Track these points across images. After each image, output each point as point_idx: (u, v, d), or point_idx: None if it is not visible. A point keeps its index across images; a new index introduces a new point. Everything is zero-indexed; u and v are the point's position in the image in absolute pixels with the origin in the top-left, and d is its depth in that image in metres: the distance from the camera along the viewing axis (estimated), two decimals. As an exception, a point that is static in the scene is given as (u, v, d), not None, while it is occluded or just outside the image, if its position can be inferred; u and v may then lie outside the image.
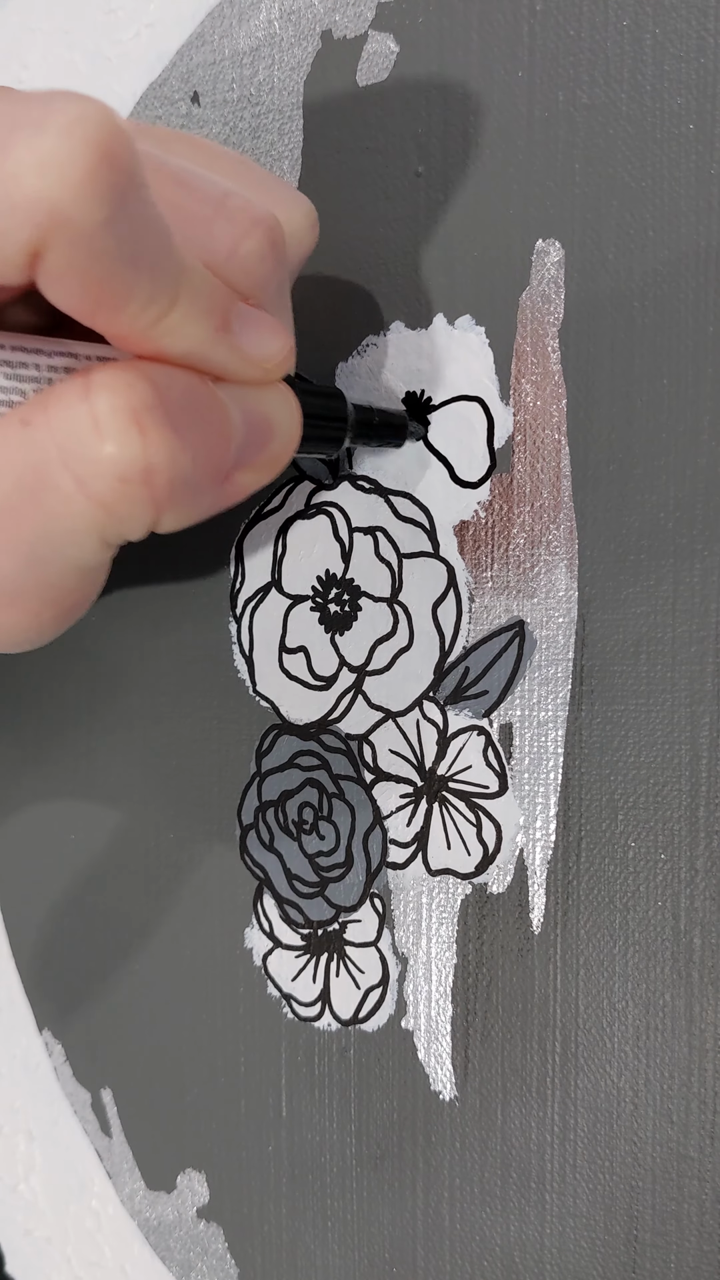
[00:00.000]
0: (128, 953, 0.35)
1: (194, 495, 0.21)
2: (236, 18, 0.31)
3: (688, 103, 0.24)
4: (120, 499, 0.20)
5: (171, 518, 0.21)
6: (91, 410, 0.19)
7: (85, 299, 0.19)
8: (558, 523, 0.26)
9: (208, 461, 0.21)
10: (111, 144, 0.17)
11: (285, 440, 0.23)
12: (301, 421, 0.24)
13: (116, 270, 0.18)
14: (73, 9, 0.35)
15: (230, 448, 0.22)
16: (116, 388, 0.19)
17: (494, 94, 0.26)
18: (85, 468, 0.20)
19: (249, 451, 0.23)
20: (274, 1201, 0.32)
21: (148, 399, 0.20)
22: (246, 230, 0.22)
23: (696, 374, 0.24)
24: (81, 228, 0.18)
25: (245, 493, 0.23)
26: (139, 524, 0.21)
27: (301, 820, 0.31)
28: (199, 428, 0.21)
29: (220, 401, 0.22)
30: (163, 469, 0.20)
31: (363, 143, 0.29)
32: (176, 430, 0.20)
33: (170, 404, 0.20)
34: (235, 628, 0.32)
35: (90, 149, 0.17)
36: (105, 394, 0.19)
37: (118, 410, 0.19)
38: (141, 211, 0.18)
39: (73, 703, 0.36)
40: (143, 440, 0.19)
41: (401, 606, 0.28)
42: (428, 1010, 0.29)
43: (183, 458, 0.20)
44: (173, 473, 0.20)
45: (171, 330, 0.20)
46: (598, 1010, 0.26)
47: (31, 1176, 0.40)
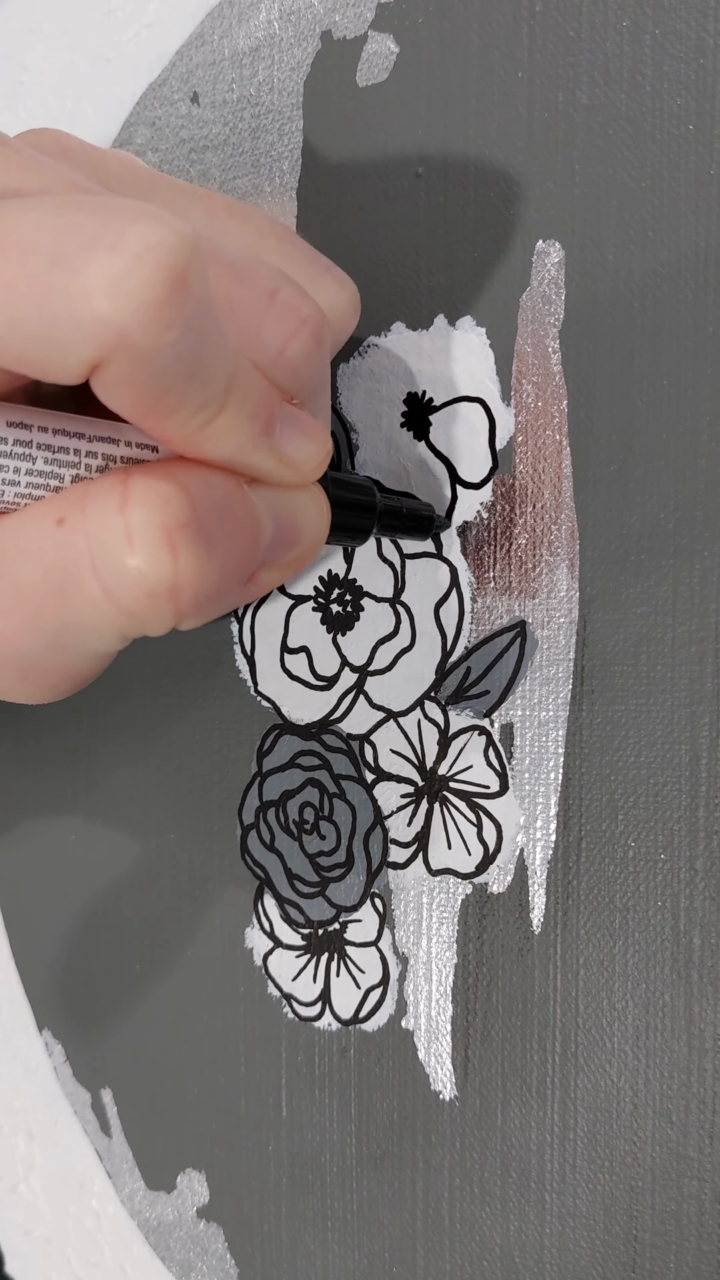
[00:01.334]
0: (128, 952, 0.35)
1: (218, 602, 0.21)
2: (236, 18, 0.31)
3: (687, 103, 0.24)
4: (145, 610, 0.20)
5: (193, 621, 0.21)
6: (126, 523, 0.19)
7: (138, 408, 0.19)
8: (559, 523, 0.26)
9: (235, 571, 0.21)
10: (185, 273, 0.17)
11: (312, 542, 0.23)
12: (329, 522, 0.23)
13: (173, 385, 0.18)
14: (72, 10, 0.35)
15: (258, 552, 0.22)
16: (152, 504, 0.19)
17: (494, 95, 0.26)
18: (114, 579, 0.19)
19: (275, 552, 0.22)
20: (274, 1201, 0.32)
21: (182, 517, 0.19)
22: (295, 330, 0.21)
23: (696, 374, 0.24)
24: (145, 350, 0.17)
25: (266, 590, 0.23)
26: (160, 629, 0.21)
27: (302, 820, 0.31)
28: (230, 538, 0.21)
29: (253, 508, 0.21)
30: (190, 586, 0.20)
31: (362, 143, 0.29)
32: (208, 545, 0.20)
33: (204, 514, 0.20)
34: (237, 627, 0.32)
35: (163, 278, 0.17)
36: (140, 509, 0.19)
37: (151, 527, 0.19)
38: (205, 330, 0.18)
39: (73, 702, 0.36)
40: (173, 561, 0.19)
41: (404, 607, 0.29)
42: (428, 1010, 0.29)
43: (210, 572, 0.20)
44: (198, 589, 0.20)
45: (217, 434, 0.20)
46: (597, 1010, 0.26)
47: (31, 1176, 0.40)
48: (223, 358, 0.19)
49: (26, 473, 0.20)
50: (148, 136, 0.33)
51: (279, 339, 0.21)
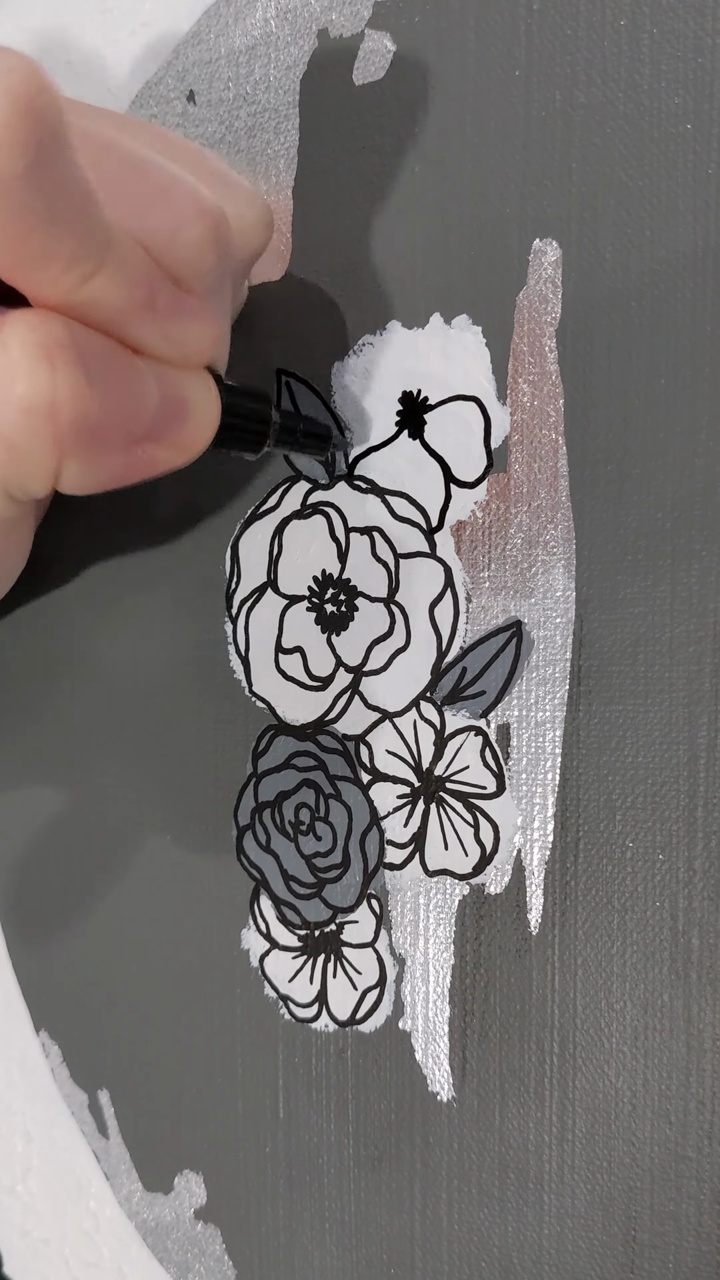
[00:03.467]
0: (125, 954, 0.35)
1: (100, 447, 0.21)
2: (232, 16, 0.31)
3: (685, 102, 0.24)
4: (23, 433, 0.20)
5: (75, 468, 0.21)
6: (3, 343, 0.20)
7: (6, 253, 0.19)
8: (555, 523, 0.26)
9: (116, 412, 0.21)
10: (34, 99, 0.18)
11: (200, 424, 0.24)
12: (219, 411, 0.24)
13: (36, 226, 0.19)
14: (68, 8, 0.35)
15: (142, 408, 0.22)
16: (31, 323, 0.20)
17: (491, 93, 0.26)
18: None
19: (162, 426, 0.23)
20: (271, 1203, 0.32)
21: (61, 336, 0.20)
22: (191, 218, 0.22)
23: (694, 373, 0.24)
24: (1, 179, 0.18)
25: (155, 469, 0.23)
26: (40, 467, 0.21)
27: (298, 821, 0.31)
28: (110, 376, 0.21)
29: (136, 365, 0.22)
30: (68, 404, 0.20)
31: (359, 142, 0.29)
32: (86, 371, 0.20)
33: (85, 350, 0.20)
34: (231, 628, 0.32)
35: (11, 101, 0.17)
36: (19, 328, 0.20)
37: (29, 344, 0.20)
38: (64, 170, 0.19)
39: (69, 704, 0.36)
40: (51, 374, 0.20)
41: (398, 607, 0.28)
42: (425, 1011, 0.29)
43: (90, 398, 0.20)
44: (78, 411, 0.20)
45: (93, 296, 0.20)
46: (595, 1011, 0.26)
47: (29, 1178, 0.40)
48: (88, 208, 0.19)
49: None
50: (143, 135, 0.33)
51: (170, 224, 0.22)
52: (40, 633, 0.36)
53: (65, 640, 0.36)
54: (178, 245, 0.22)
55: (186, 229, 0.22)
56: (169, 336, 0.22)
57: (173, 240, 0.22)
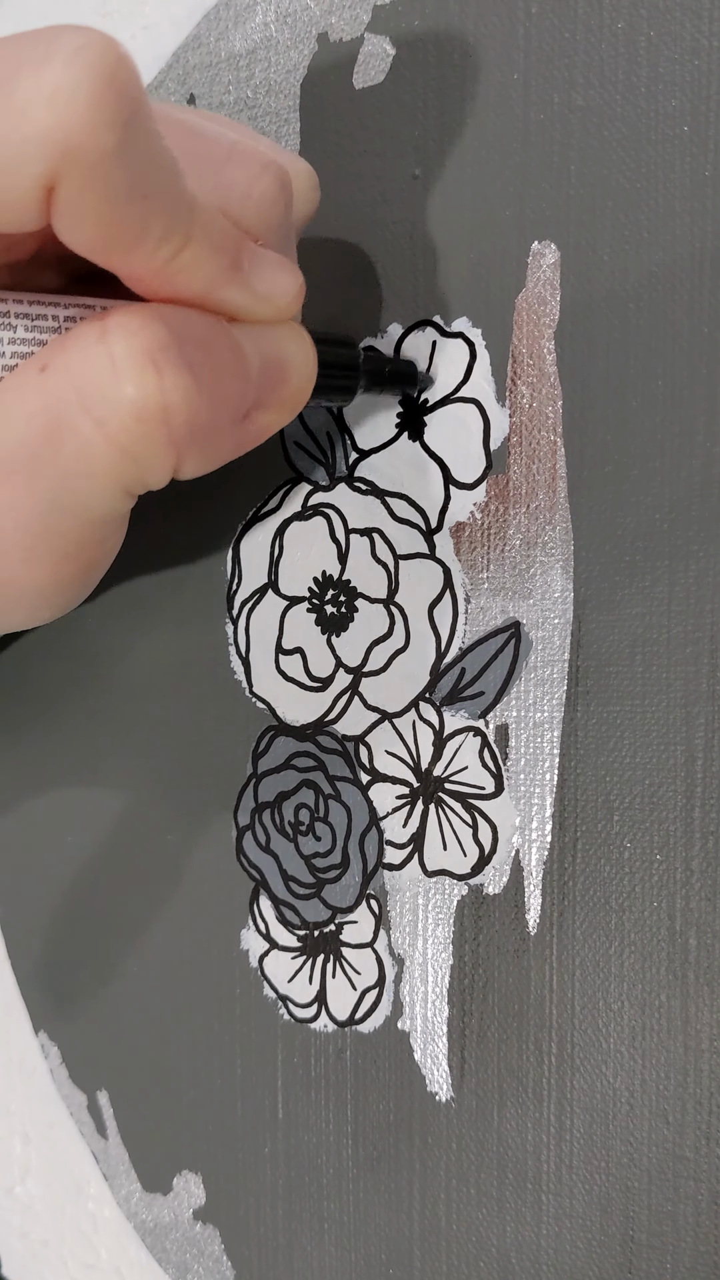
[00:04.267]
0: (124, 954, 0.35)
1: (213, 436, 0.21)
2: (233, 20, 0.31)
3: (682, 105, 0.24)
4: (138, 440, 0.20)
5: (192, 461, 0.21)
6: (108, 351, 0.20)
7: (99, 236, 0.19)
8: (553, 524, 0.26)
9: (225, 400, 0.21)
10: (116, 70, 0.18)
11: (302, 378, 0.24)
12: (316, 359, 0.24)
13: (129, 204, 0.19)
14: (68, 12, 0.35)
15: (247, 386, 0.22)
16: (132, 329, 0.20)
17: (490, 96, 0.26)
18: (103, 409, 0.20)
19: (266, 391, 0.23)
20: (270, 1203, 0.32)
21: (163, 339, 0.20)
22: (258, 174, 0.22)
23: (691, 375, 0.24)
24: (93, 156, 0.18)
25: (265, 434, 0.24)
26: (159, 467, 0.21)
27: (298, 821, 0.31)
28: (215, 366, 0.21)
29: (235, 340, 0.22)
30: (180, 408, 0.20)
31: (359, 145, 0.29)
32: (192, 369, 0.20)
33: (185, 344, 0.20)
34: (232, 629, 0.32)
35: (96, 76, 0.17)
36: (121, 335, 0.20)
37: (134, 350, 0.20)
38: (150, 143, 0.19)
39: (69, 704, 0.36)
40: (159, 380, 0.20)
41: (398, 608, 0.29)
42: (424, 1011, 0.29)
43: (199, 396, 0.20)
44: (190, 412, 0.20)
45: (185, 269, 0.20)
46: (594, 1011, 0.26)
47: (28, 1179, 0.40)
48: (176, 182, 0.19)
49: (9, 341, 0.20)
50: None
51: (243, 181, 0.22)
52: (42, 633, 0.36)
53: (66, 641, 0.36)
54: (252, 201, 0.22)
55: (257, 184, 0.22)
56: (259, 294, 0.22)
57: (246, 197, 0.22)
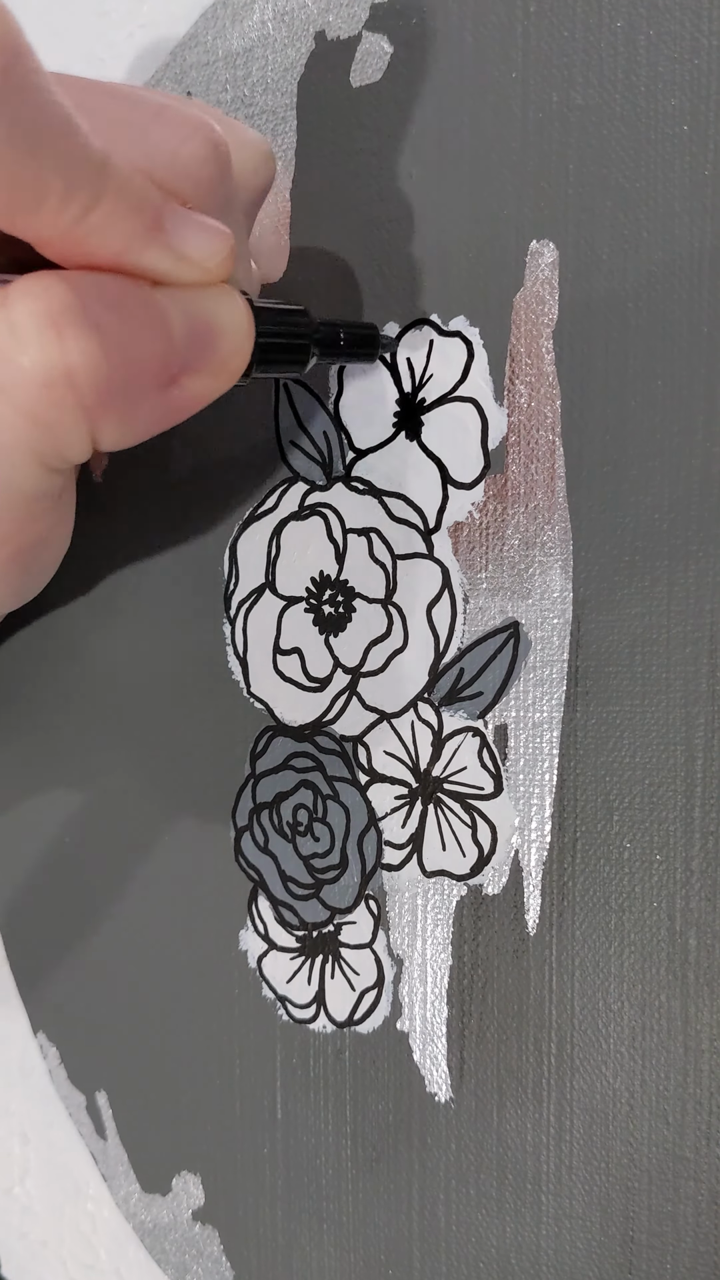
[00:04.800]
0: (123, 955, 0.35)
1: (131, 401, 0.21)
2: (230, 18, 0.31)
3: (681, 104, 0.24)
4: (46, 407, 0.20)
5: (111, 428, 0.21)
6: (9, 318, 0.19)
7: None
8: (552, 524, 0.26)
9: (141, 363, 0.21)
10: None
11: (234, 342, 0.23)
12: (253, 328, 0.23)
13: (18, 160, 0.18)
14: (66, 10, 0.35)
15: (169, 348, 0.21)
16: (32, 292, 0.19)
17: (488, 95, 0.26)
18: (6, 376, 0.19)
19: (194, 355, 0.22)
20: (269, 1204, 0.32)
21: (65, 300, 0.19)
22: (187, 135, 0.21)
23: (690, 375, 0.24)
24: None
25: (198, 401, 0.23)
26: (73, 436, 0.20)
27: (296, 822, 0.31)
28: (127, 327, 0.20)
29: (154, 301, 0.21)
30: (85, 370, 0.19)
31: (357, 144, 0.29)
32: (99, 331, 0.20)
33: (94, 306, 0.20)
34: (229, 629, 0.32)
35: None
36: (22, 301, 0.19)
37: (34, 313, 0.19)
38: (35, 95, 0.18)
39: (67, 705, 0.36)
40: (60, 342, 0.19)
41: (396, 608, 0.28)
42: (423, 1012, 0.29)
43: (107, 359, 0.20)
44: (96, 374, 0.20)
45: (97, 229, 0.20)
46: (593, 1011, 0.26)
47: (27, 1179, 0.40)
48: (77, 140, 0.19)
49: None
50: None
51: (170, 142, 0.21)
52: (39, 633, 0.36)
53: (64, 641, 0.36)
54: (179, 163, 0.21)
55: (185, 145, 0.21)
56: (182, 254, 0.21)
57: (173, 159, 0.21)
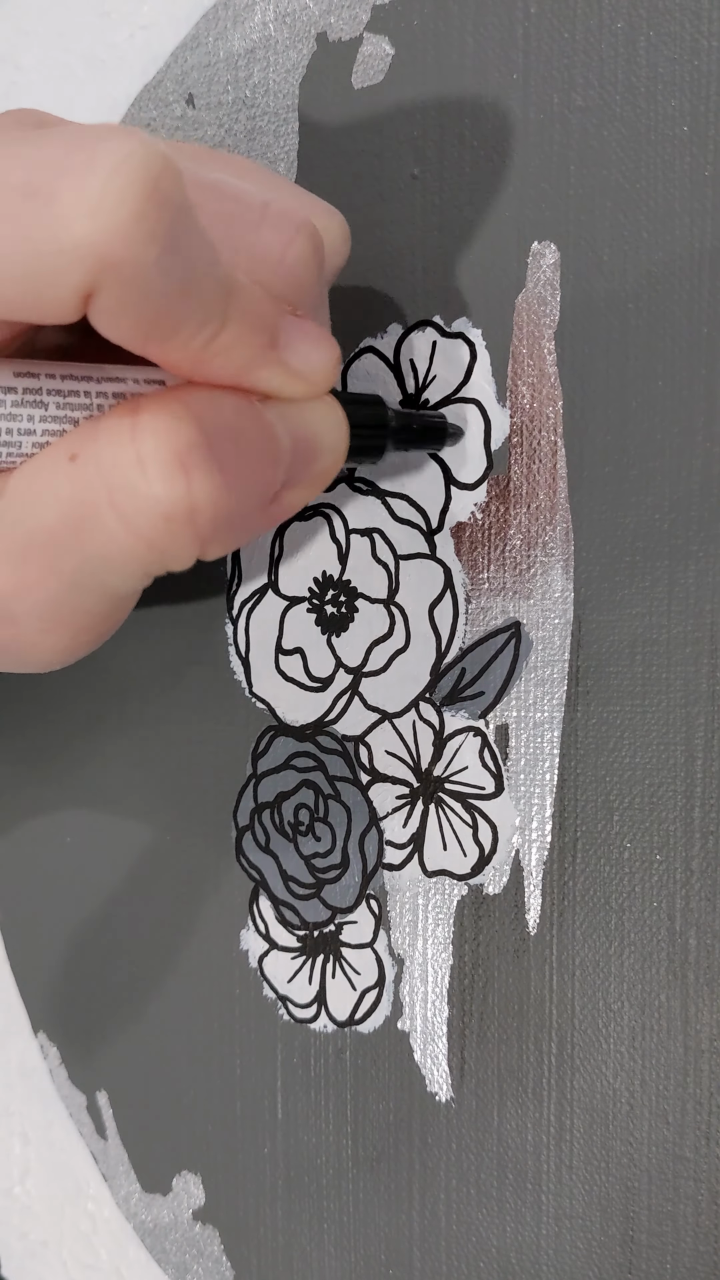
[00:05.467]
0: (123, 955, 0.35)
1: (239, 525, 0.21)
2: (231, 20, 0.31)
3: (682, 105, 0.24)
4: (164, 537, 0.20)
5: (216, 547, 0.21)
6: (138, 451, 0.19)
7: (138, 333, 0.19)
8: (554, 524, 0.26)
9: (254, 490, 0.21)
10: (159, 182, 0.17)
11: (333, 455, 0.23)
12: (348, 434, 0.23)
13: (168, 303, 0.18)
14: (67, 12, 0.35)
15: (278, 471, 0.22)
16: (161, 429, 0.19)
17: (489, 96, 0.26)
18: (130, 506, 0.19)
19: (296, 470, 0.22)
20: (270, 1203, 0.32)
21: (192, 439, 0.19)
22: (291, 237, 0.21)
23: (691, 375, 0.24)
24: (133, 269, 0.17)
25: (292, 511, 0.23)
26: (183, 558, 0.21)
27: (297, 822, 0.31)
28: (245, 458, 0.21)
29: (268, 424, 0.21)
30: (206, 508, 0.20)
31: (358, 145, 0.29)
32: (222, 467, 0.20)
33: (216, 437, 0.20)
34: (231, 629, 0.32)
35: (138, 190, 0.17)
36: (150, 435, 0.19)
37: (162, 451, 0.19)
38: (191, 242, 0.18)
39: (69, 705, 0.36)
40: (187, 482, 0.19)
41: (398, 608, 0.29)
42: (424, 1011, 0.29)
43: (227, 495, 0.20)
44: (216, 510, 0.20)
45: (222, 352, 0.20)
46: (593, 1011, 0.26)
47: (27, 1179, 0.40)
48: (214, 271, 0.19)
49: (40, 419, 0.20)
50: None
51: (277, 246, 0.21)
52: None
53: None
54: (284, 267, 0.21)
55: (291, 248, 0.21)
56: (294, 371, 0.21)
57: (280, 264, 0.21)
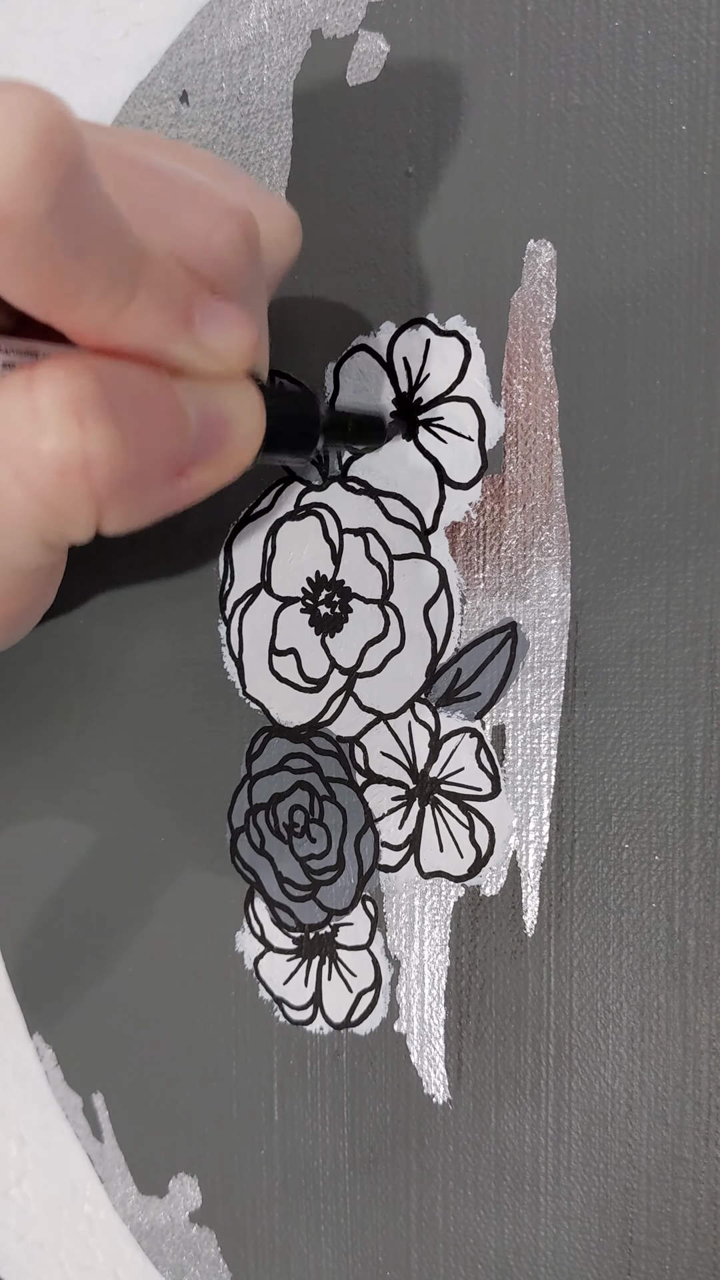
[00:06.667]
0: (119, 957, 0.35)
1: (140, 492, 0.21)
2: (226, 17, 0.31)
3: (680, 104, 0.24)
4: (59, 493, 0.19)
5: (116, 515, 0.21)
6: (32, 402, 0.19)
7: (34, 294, 0.18)
8: (550, 524, 0.26)
9: (155, 456, 0.21)
10: (52, 135, 0.17)
11: (244, 439, 0.23)
12: (264, 420, 0.23)
13: (65, 264, 0.18)
14: (62, 9, 0.35)
15: (182, 443, 0.21)
16: (58, 379, 0.19)
17: (485, 94, 0.26)
18: (24, 461, 0.19)
19: (204, 449, 0.22)
20: (267, 1205, 0.32)
21: (90, 391, 0.19)
22: (220, 220, 0.21)
23: (689, 375, 0.24)
24: (22, 221, 0.17)
25: (202, 492, 0.23)
26: (80, 522, 0.20)
27: (292, 823, 0.31)
28: (146, 421, 0.20)
29: (173, 395, 0.21)
30: (102, 462, 0.19)
31: (353, 143, 0.28)
32: (120, 423, 0.20)
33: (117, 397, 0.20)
34: (225, 630, 0.32)
35: (29, 140, 0.17)
36: (47, 386, 0.19)
37: (58, 402, 0.19)
38: (88, 201, 0.18)
39: (63, 706, 0.36)
40: (81, 432, 0.19)
41: (392, 608, 0.28)
42: (420, 1013, 0.29)
43: (125, 452, 0.20)
44: (113, 466, 0.20)
45: (129, 324, 0.20)
46: (592, 1012, 0.26)
47: (23, 1181, 0.40)
48: (119, 238, 0.19)
49: None
50: (136, 136, 0.33)
51: (203, 229, 0.21)
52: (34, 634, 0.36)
53: (59, 642, 0.36)
54: (211, 248, 0.21)
55: (218, 230, 0.21)
56: (207, 349, 0.21)
57: (206, 244, 0.21)
